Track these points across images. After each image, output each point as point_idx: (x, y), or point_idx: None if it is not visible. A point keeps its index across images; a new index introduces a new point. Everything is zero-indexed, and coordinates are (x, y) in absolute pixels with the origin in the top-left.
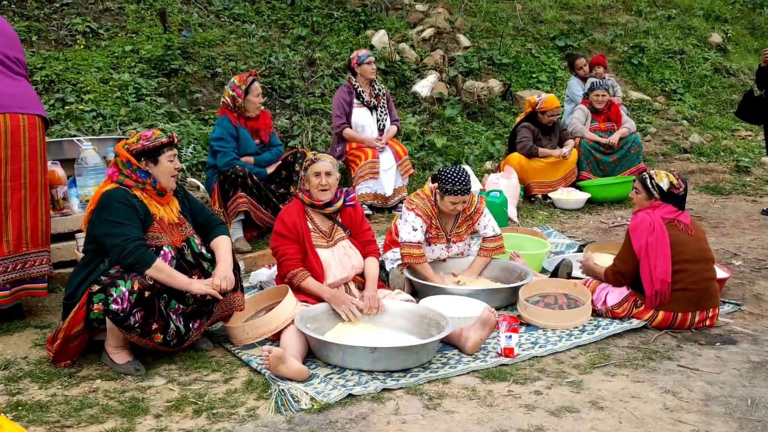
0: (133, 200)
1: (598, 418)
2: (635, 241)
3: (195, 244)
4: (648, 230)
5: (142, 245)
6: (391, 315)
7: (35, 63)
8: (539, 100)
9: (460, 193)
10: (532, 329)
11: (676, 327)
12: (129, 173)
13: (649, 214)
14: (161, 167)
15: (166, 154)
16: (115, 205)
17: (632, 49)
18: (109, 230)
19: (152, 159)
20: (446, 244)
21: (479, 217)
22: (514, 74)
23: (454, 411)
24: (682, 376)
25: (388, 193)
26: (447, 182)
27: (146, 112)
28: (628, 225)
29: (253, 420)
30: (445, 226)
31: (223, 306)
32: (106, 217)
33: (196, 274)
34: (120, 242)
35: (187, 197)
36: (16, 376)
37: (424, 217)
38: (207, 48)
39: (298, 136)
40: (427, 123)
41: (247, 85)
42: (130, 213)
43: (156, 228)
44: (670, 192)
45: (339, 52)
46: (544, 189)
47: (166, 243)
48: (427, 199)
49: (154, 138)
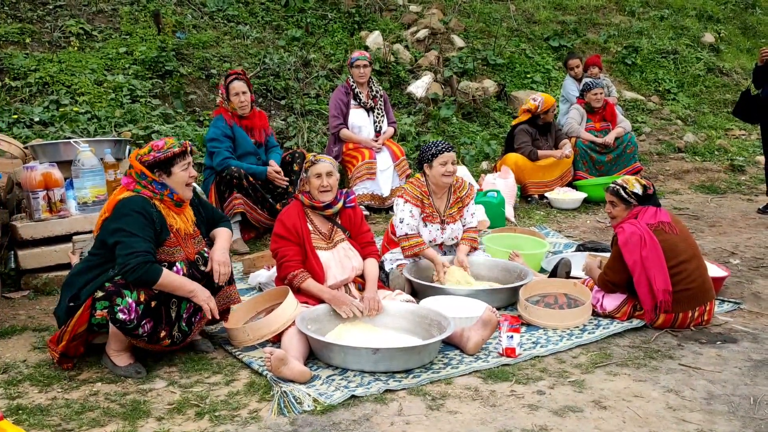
0: (151, 210)
1: (602, 417)
2: (628, 256)
3: (207, 257)
4: (639, 244)
5: (145, 262)
6: (392, 316)
7: (29, 65)
8: (538, 103)
9: (445, 149)
10: (532, 329)
11: (676, 326)
12: (145, 184)
13: (636, 225)
14: (175, 178)
15: (180, 164)
16: (131, 214)
17: (626, 49)
18: (119, 239)
19: (165, 170)
20: (440, 225)
21: (470, 201)
22: (508, 75)
23: (457, 411)
24: (683, 375)
25: (385, 193)
26: (429, 149)
27: (141, 114)
28: (617, 239)
29: (256, 422)
30: (439, 206)
31: (221, 299)
32: (119, 226)
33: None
34: (124, 255)
35: (201, 204)
36: (15, 379)
37: (413, 201)
38: (201, 49)
39: (294, 137)
40: (422, 123)
41: (226, 84)
42: (143, 224)
43: (172, 242)
44: (646, 194)
45: (333, 53)
46: (541, 189)
47: (180, 258)
48: (417, 182)
49: (165, 148)
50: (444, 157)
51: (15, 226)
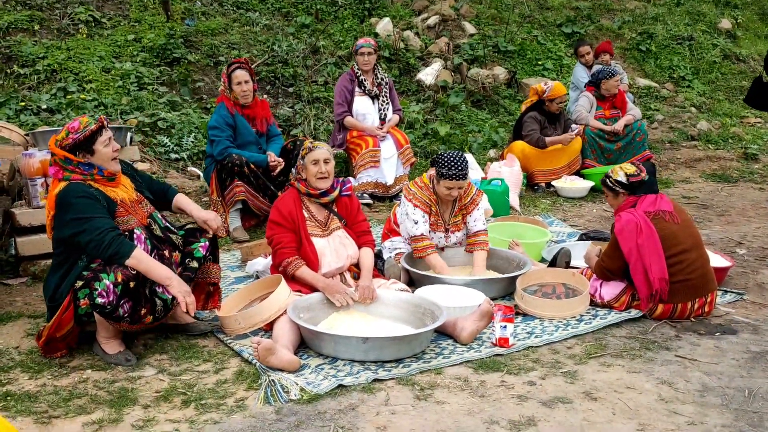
0: (91, 191)
1: (591, 408)
2: (623, 244)
3: (158, 219)
4: (635, 232)
5: (117, 235)
6: (386, 305)
7: (37, 52)
8: (546, 88)
9: (456, 177)
10: (528, 319)
11: (675, 317)
12: (72, 168)
13: (633, 213)
14: (99, 155)
15: (100, 140)
16: (75, 201)
17: (640, 35)
18: (79, 228)
19: (88, 150)
20: (445, 234)
21: (474, 208)
22: (519, 62)
23: (445, 402)
24: (679, 366)
25: (389, 181)
26: (444, 166)
27: (147, 101)
28: (614, 226)
29: (241, 411)
30: (444, 214)
31: (202, 272)
32: (71, 216)
33: (167, 249)
34: (95, 237)
35: (135, 172)
36: (6, 366)
37: (422, 207)
38: (210, 36)
39: (300, 125)
40: (430, 111)
41: (229, 72)
42: (93, 205)
43: (122, 212)
44: (631, 183)
45: (343, 40)
46: (548, 177)
47: (135, 224)
48: (425, 188)
49: (82, 128)
50: (451, 184)
51: (14, 212)
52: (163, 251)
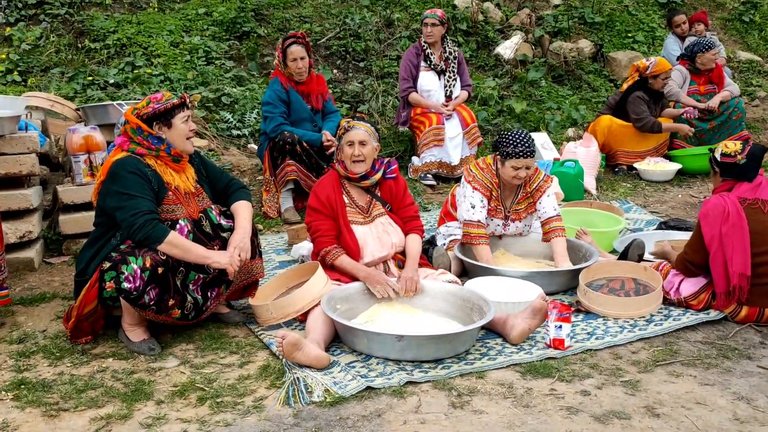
0: (145, 170)
1: (652, 427)
2: (706, 230)
3: (213, 216)
4: (721, 217)
5: (152, 219)
6: (432, 297)
7: (108, 27)
8: (649, 64)
9: (522, 155)
10: (591, 318)
11: (762, 322)
12: (140, 140)
13: (723, 198)
14: (175, 130)
15: (180, 115)
16: (126, 176)
17: (743, 4)
18: (119, 203)
19: (165, 122)
20: (504, 221)
21: (540, 196)
22: (607, 34)
23: (483, 411)
24: (761, 379)
25: (455, 162)
26: (507, 144)
27: (213, 76)
28: (699, 211)
29: (257, 412)
30: (505, 200)
31: (242, 274)
32: (117, 189)
33: (217, 245)
34: (129, 217)
35: (203, 164)
36: (29, 350)
37: (482, 190)
38: (281, 10)
39: (369, 101)
40: (507, 87)
41: (284, 47)
42: (141, 184)
43: (171, 199)
44: (723, 162)
45: (419, 12)
46: (631, 159)
47: (182, 216)
48: (488, 170)
49: (165, 100)
50: (518, 162)
51: (57, 189)
52: (212, 247)
